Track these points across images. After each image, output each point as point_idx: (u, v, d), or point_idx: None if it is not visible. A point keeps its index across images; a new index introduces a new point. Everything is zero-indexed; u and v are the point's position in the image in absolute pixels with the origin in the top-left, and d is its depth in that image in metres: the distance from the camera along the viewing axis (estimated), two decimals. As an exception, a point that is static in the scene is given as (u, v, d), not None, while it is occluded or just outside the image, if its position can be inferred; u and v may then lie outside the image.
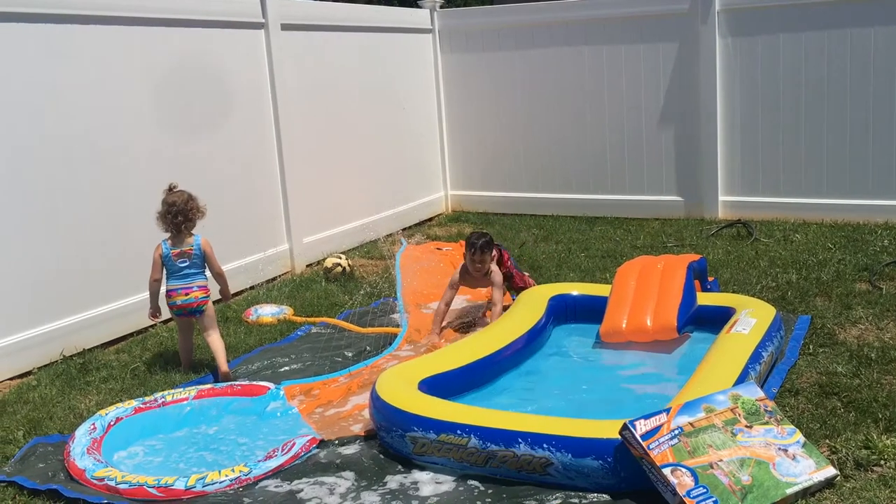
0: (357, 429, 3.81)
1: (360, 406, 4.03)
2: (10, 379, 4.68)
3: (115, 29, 5.28)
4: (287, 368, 4.60)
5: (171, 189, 4.62)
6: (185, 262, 4.56)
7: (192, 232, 4.61)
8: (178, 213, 4.52)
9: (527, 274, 5.71)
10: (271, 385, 4.23)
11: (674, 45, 7.70)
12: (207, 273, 4.67)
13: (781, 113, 7.41)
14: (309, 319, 5.43)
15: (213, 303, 4.69)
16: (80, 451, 3.56)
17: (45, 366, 4.78)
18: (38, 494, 3.35)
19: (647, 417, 3.08)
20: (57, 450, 3.69)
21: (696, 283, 4.82)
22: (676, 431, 3.07)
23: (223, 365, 4.49)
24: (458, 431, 3.32)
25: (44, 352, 4.83)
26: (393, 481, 3.35)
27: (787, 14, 7.24)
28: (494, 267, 5.14)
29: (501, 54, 8.50)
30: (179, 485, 3.29)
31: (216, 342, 4.56)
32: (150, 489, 3.27)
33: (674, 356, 4.42)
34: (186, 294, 4.55)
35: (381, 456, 3.54)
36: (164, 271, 4.59)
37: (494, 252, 5.17)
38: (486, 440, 3.27)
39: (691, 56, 7.62)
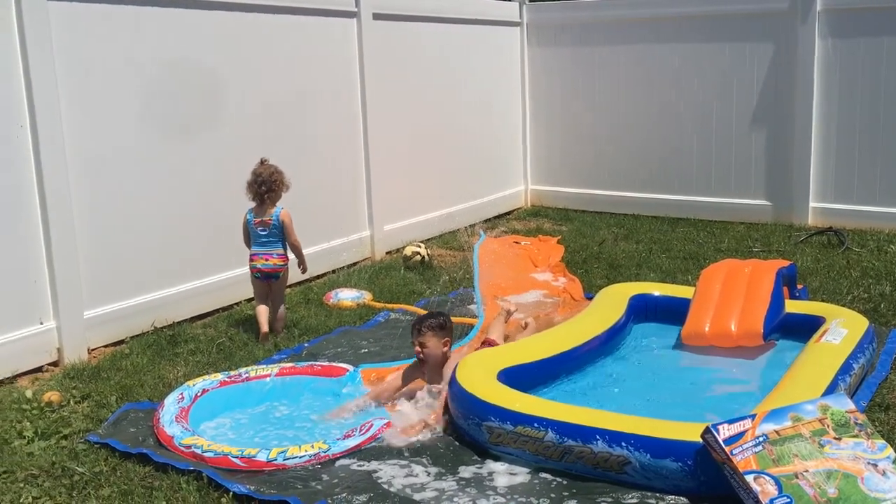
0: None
1: (435, 393, 4.05)
2: (105, 346, 4.90)
3: (211, 14, 5.43)
4: (366, 351, 4.68)
5: (262, 162, 4.92)
6: (265, 230, 4.88)
7: (277, 204, 4.88)
8: (263, 184, 4.83)
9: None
10: (350, 367, 4.31)
11: (770, 44, 7.48)
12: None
13: (881, 119, 7.12)
14: (388, 305, 5.50)
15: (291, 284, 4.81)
16: (169, 418, 3.71)
17: (137, 335, 4.98)
18: (128, 457, 3.50)
19: (730, 422, 3.02)
20: (147, 416, 3.85)
21: (785, 289, 4.69)
22: (761, 438, 3.00)
23: (279, 332, 4.93)
24: (536, 424, 3.32)
25: (136, 322, 5.03)
26: (467, 470, 3.37)
27: (891, 16, 6.94)
28: (456, 357, 4.03)
29: (589, 49, 8.42)
30: (262, 457, 3.39)
31: (280, 311, 5.00)
32: (233, 459, 3.38)
33: (758, 363, 4.31)
34: (266, 259, 4.91)
35: (457, 443, 3.57)
36: (249, 238, 4.93)
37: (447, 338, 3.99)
38: (563, 435, 3.26)
39: (788, 56, 7.39)
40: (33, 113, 4.46)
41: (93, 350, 4.83)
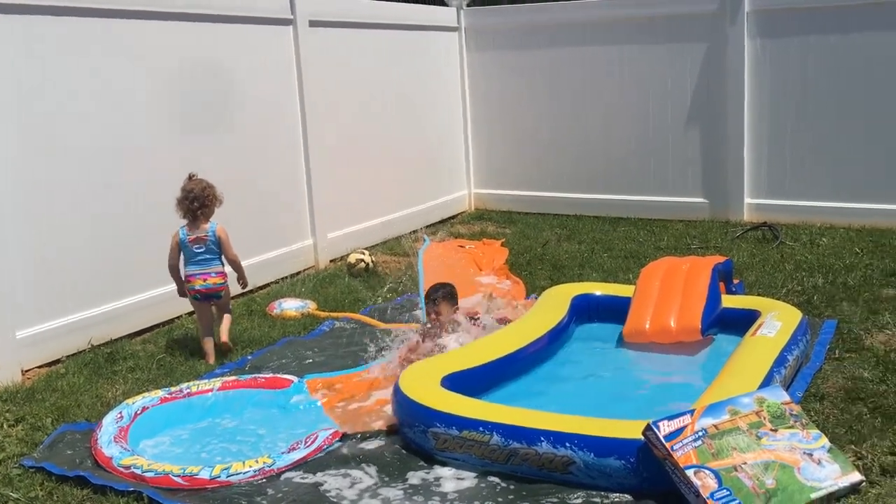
0: (379, 424, 3.83)
1: (382, 401, 4.04)
2: (40, 367, 4.75)
3: (140, 24, 5.33)
4: (310, 362, 4.64)
5: (190, 177, 4.76)
6: (201, 247, 4.71)
7: (210, 220, 4.74)
8: (195, 200, 4.67)
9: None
10: (295, 378, 4.27)
11: (702, 45, 7.65)
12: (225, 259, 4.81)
13: (810, 116, 7.34)
14: (332, 314, 5.46)
15: (233, 296, 4.73)
16: (107, 439, 3.62)
17: (74, 354, 4.85)
18: (65, 480, 3.40)
19: (670, 418, 3.07)
20: (84, 437, 3.75)
21: (722, 285, 4.79)
22: (700, 433, 3.06)
23: (224, 335, 4.75)
24: (481, 428, 3.33)
25: (72, 341, 4.89)
26: (415, 476, 3.37)
27: (818, 16, 7.16)
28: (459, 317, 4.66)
29: (528, 53, 8.50)
30: (204, 474, 3.33)
31: (226, 319, 4.83)
32: (175, 478, 3.31)
33: (697, 358, 4.40)
34: (204, 279, 4.72)
35: (403, 451, 3.56)
36: (182, 257, 4.74)
37: (457, 305, 4.73)
38: (508, 437, 3.28)
39: (719, 57, 7.57)
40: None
41: (27, 371, 4.68)
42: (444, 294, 4.69)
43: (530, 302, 5.27)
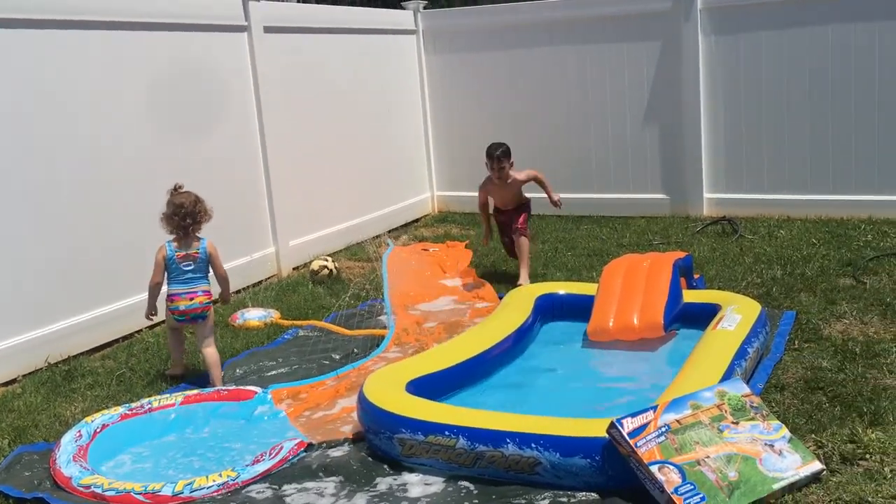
0: (345, 431, 3.80)
1: (347, 409, 4.02)
2: (-5, 387, 4.65)
3: (99, 34, 5.25)
4: (274, 372, 4.59)
5: (176, 189, 4.45)
6: (190, 265, 4.41)
7: (199, 235, 4.49)
8: (187, 216, 4.37)
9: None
10: (258, 389, 4.22)
11: (657, 43, 7.73)
12: (210, 277, 4.54)
13: (764, 110, 7.45)
14: (296, 323, 5.41)
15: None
16: (66, 458, 3.54)
17: (30, 373, 4.74)
18: (23, 503, 3.32)
19: (633, 415, 3.09)
20: (42, 458, 3.66)
21: (682, 280, 4.84)
22: (663, 429, 3.08)
23: (217, 380, 4.41)
24: (446, 432, 3.32)
25: (28, 359, 4.78)
26: (382, 483, 3.35)
27: (769, 11, 7.29)
28: (517, 173, 6.01)
29: (485, 55, 8.51)
30: (167, 491, 3.27)
31: (212, 355, 4.45)
32: (136, 496, 3.25)
33: (660, 354, 4.44)
34: (191, 299, 4.39)
35: (370, 458, 3.53)
36: (166, 274, 4.44)
37: (512, 159, 5.98)
38: (474, 441, 3.27)
39: (674, 54, 7.65)
40: None
41: (-18, 392, 4.57)
42: (505, 151, 5.92)
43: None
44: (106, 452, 3.72)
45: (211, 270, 4.54)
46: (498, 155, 5.91)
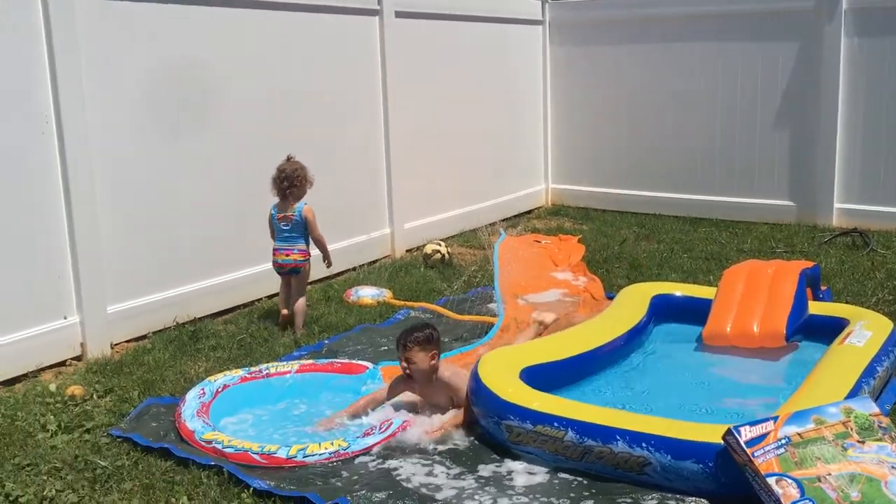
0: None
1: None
2: (128, 341, 4.94)
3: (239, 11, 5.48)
4: (386, 349, 4.69)
5: (288, 159, 4.99)
6: (287, 225, 4.96)
7: (301, 200, 4.94)
8: (286, 179, 4.91)
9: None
10: (370, 364, 4.32)
11: (794, 44, 7.40)
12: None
13: (908, 119, 7.04)
14: (408, 304, 5.50)
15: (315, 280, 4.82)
16: (191, 413, 3.74)
17: (159, 331, 5.02)
18: (150, 451, 3.53)
19: (752, 424, 3.00)
20: (169, 411, 3.88)
21: (809, 291, 4.64)
22: (784, 441, 2.97)
23: (298, 328, 4.97)
24: (556, 424, 3.31)
25: (159, 318, 5.07)
26: (486, 469, 3.37)
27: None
28: (445, 368, 3.83)
29: (611, 48, 8.38)
30: (282, 453, 3.40)
31: (300, 305, 5.02)
32: (254, 455, 3.40)
33: (780, 364, 4.27)
34: (286, 255, 4.99)
35: (476, 442, 3.56)
36: (274, 232, 5.00)
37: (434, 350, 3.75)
38: (583, 434, 3.25)
39: (814, 55, 7.31)
40: (58, 108, 4.49)
41: (116, 345, 4.87)
42: (417, 339, 3.69)
43: (605, 302, 5.20)
44: (226, 411, 3.90)
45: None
46: (405, 343, 3.74)
